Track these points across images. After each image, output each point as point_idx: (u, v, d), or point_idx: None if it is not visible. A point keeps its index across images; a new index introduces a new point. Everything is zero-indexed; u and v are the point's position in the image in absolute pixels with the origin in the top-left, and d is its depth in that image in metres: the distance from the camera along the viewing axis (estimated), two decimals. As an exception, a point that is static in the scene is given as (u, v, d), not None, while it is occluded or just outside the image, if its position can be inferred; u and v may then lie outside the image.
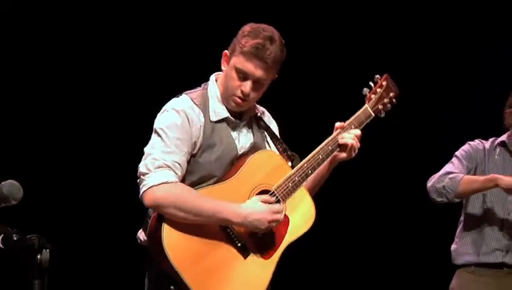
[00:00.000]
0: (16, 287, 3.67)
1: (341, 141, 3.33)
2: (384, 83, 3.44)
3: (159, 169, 3.07)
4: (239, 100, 3.21)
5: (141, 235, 3.23)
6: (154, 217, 3.11)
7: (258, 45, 3.14)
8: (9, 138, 5.36)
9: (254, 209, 3.12)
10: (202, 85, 3.32)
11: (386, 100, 3.45)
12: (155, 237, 3.06)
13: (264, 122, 3.40)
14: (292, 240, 3.25)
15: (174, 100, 3.23)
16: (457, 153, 4.54)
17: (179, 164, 3.11)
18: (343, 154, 3.34)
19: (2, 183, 2.59)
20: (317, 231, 3.36)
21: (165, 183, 3.05)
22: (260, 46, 3.15)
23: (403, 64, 5.67)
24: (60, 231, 4.93)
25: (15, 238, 2.61)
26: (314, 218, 3.29)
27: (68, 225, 5.41)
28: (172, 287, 3.05)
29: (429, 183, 4.44)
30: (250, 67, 3.16)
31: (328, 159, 3.34)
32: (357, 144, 3.33)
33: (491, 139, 4.58)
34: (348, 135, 3.33)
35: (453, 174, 4.39)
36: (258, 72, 3.17)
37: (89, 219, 5.55)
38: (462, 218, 4.55)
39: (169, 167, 3.08)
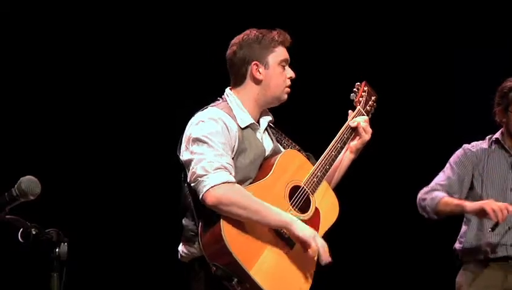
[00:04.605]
0: (35, 280, 3.73)
1: (353, 124, 3.60)
2: (366, 88, 3.76)
3: (218, 170, 3.17)
4: (289, 89, 3.46)
5: (184, 248, 3.34)
6: (206, 220, 3.20)
7: (283, 33, 3.44)
8: (28, 135, 5.39)
9: (307, 231, 3.28)
10: (219, 99, 3.45)
11: (370, 102, 3.75)
12: (214, 235, 3.17)
13: (275, 128, 3.57)
14: (325, 230, 3.44)
15: (205, 112, 3.34)
16: (450, 160, 4.58)
17: (231, 165, 3.23)
18: (358, 138, 3.60)
19: (21, 179, 2.62)
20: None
21: (226, 183, 3.16)
22: (284, 33, 3.44)
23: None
24: (77, 225, 4.96)
25: (34, 233, 2.66)
26: (339, 208, 3.50)
27: (86, 219, 5.44)
28: (235, 279, 3.15)
29: (418, 196, 4.53)
30: (287, 53, 3.46)
31: (345, 148, 3.58)
32: (368, 126, 3.61)
33: (488, 137, 4.60)
34: (358, 118, 3.63)
35: (436, 192, 4.45)
36: (288, 55, 3.46)
37: (106, 213, 5.57)
38: (465, 217, 4.57)
39: (226, 169, 3.19)
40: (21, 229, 2.67)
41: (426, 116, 6.08)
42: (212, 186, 3.15)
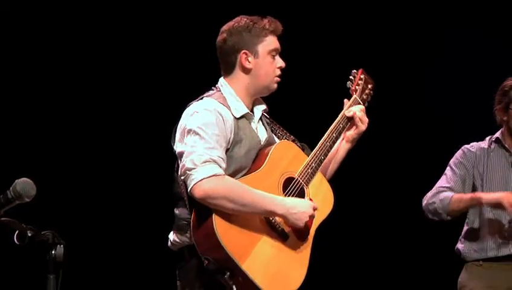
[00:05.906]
0: (31, 282, 3.73)
1: (348, 114, 3.57)
2: (362, 76, 3.73)
3: (206, 163, 3.15)
4: (279, 78, 3.42)
5: (175, 236, 3.32)
6: (198, 212, 3.18)
7: (275, 21, 3.40)
8: (23, 136, 5.39)
9: (298, 204, 3.28)
10: (213, 88, 3.42)
11: (367, 91, 3.73)
12: (206, 229, 3.15)
13: (269, 117, 3.54)
14: (320, 221, 3.41)
15: (200, 102, 3.31)
16: (450, 162, 4.58)
17: (222, 158, 3.21)
18: (354, 128, 3.57)
19: (16, 181, 2.61)
20: (328, 228, 3.46)
21: (214, 176, 3.14)
22: (275, 22, 3.40)
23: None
24: (74, 227, 4.97)
25: (30, 235, 2.65)
26: (333, 199, 3.47)
27: (82, 221, 5.43)
28: (228, 273, 3.13)
29: (423, 203, 4.51)
30: (277, 42, 3.41)
31: (341, 137, 3.56)
32: (364, 116, 3.58)
33: (487, 138, 4.61)
34: (354, 107, 3.60)
35: (443, 193, 4.44)
36: (279, 44, 3.42)
37: (102, 215, 5.57)
38: (467, 218, 4.58)
39: (215, 162, 3.16)
40: (17, 232, 2.66)
41: (423, 111, 6.08)
42: (200, 180, 3.13)
